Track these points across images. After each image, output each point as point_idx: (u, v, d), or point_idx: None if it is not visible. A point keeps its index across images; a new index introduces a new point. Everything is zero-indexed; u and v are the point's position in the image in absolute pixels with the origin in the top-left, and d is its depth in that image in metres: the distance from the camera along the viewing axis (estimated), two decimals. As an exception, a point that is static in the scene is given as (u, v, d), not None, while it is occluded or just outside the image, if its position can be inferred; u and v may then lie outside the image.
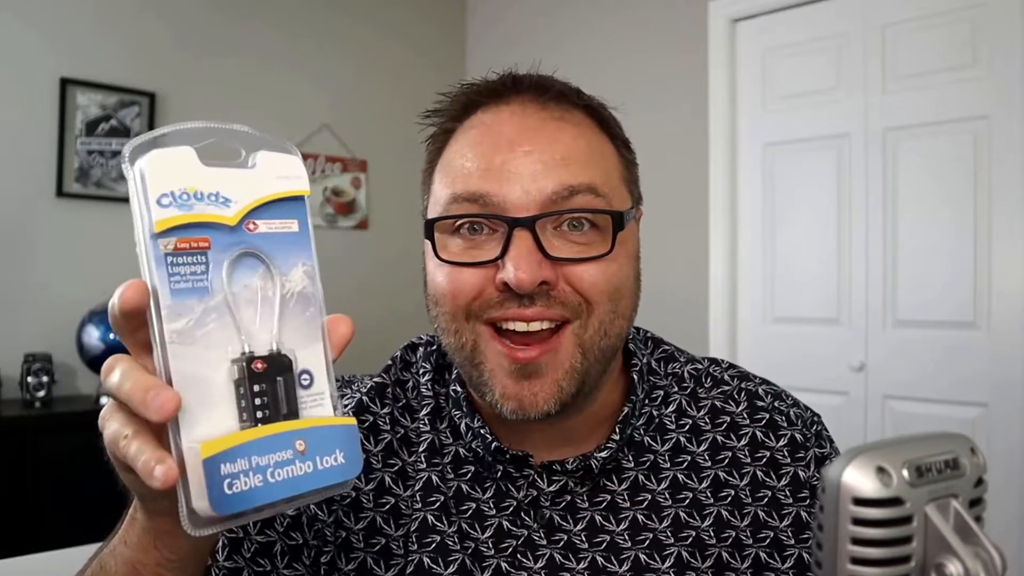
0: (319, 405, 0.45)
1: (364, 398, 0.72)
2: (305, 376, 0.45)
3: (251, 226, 0.44)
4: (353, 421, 0.46)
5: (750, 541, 0.68)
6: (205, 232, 0.42)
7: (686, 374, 0.75)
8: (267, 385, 0.43)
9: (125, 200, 0.44)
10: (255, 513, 0.42)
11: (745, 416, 0.72)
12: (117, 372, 0.42)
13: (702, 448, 0.70)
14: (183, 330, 0.41)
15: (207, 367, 0.41)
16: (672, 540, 0.67)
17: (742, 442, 0.71)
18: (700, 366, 0.76)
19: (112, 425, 0.43)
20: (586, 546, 0.66)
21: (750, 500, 0.69)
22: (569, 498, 0.67)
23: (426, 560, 0.66)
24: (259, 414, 0.42)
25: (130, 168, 0.42)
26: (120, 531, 0.53)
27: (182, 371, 0.41)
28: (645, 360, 0.74)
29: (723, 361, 0.78)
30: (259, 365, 0.43)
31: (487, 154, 0.63)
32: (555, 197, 0.62)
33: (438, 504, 0.67)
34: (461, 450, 0.70)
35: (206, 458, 0.39)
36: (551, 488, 0.67)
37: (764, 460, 0.70)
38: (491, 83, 0.68)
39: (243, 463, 0.41)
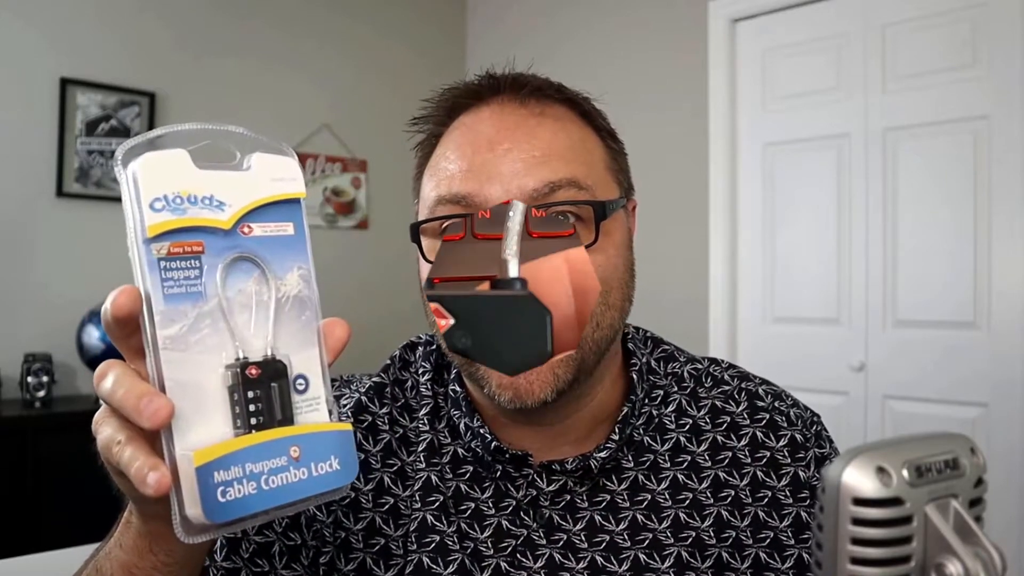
0: (314, 410, 0.44)
1: (363, 398, 0.72)
2: (300, 381, 0.44)
3: (246, 229, 0.43)
4: (349, 426, 0.45)
5: (750, 541, 0.68)
6: (199, 236, 0.42)
7: (686, 374, 0.75)
8: (261, 391, 0.42)
9: (123, 201, 0.43)
10: (249, 520, 0.42)
11: (745, 416, 0.72)
12: (110, 378, 0.41)
13: (702, 448, 0.70)
14: (176, 336, 0.40)
15: (201, 373, 0.41)
16: (672, 540, 0.66)
17: (742, 442, 0.71)
18: (700, 366, 0.76)
19: (105, 430, 0.42)
20: (585, 546, 0.66)
21: (750, 500, 0.69)
22: (568, 498, 0.67)
23: (425, 560, 0.65)
24: (253, 420, 0.42)
25: (122, 171, 0.41)
26: (115, 534, 0.53)
27: (175, 377, 0.40)
28: (644, 360, 0.74)
29: (723, 361, 0.78)
30: (253, 371, 0.42)
31: (468, 155, 0.64)
32: (536, 195, 0.62)
33: (437, 504, 0.67)
34: (460, 450, 0.70)
35: (199, 466, 0.39)
36: (550, 488, 0.67)
37: (764, 460, 0.70)
38: (471, 85, 0.68)
39: (237, 470, 0.40)
